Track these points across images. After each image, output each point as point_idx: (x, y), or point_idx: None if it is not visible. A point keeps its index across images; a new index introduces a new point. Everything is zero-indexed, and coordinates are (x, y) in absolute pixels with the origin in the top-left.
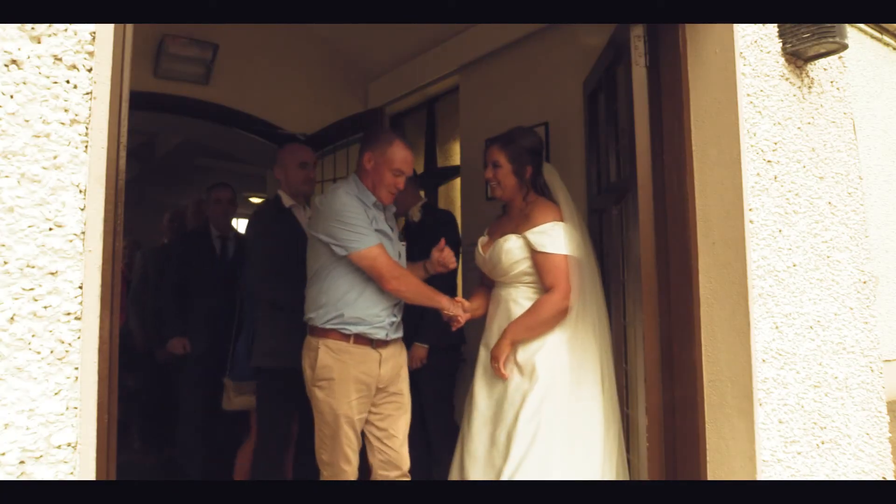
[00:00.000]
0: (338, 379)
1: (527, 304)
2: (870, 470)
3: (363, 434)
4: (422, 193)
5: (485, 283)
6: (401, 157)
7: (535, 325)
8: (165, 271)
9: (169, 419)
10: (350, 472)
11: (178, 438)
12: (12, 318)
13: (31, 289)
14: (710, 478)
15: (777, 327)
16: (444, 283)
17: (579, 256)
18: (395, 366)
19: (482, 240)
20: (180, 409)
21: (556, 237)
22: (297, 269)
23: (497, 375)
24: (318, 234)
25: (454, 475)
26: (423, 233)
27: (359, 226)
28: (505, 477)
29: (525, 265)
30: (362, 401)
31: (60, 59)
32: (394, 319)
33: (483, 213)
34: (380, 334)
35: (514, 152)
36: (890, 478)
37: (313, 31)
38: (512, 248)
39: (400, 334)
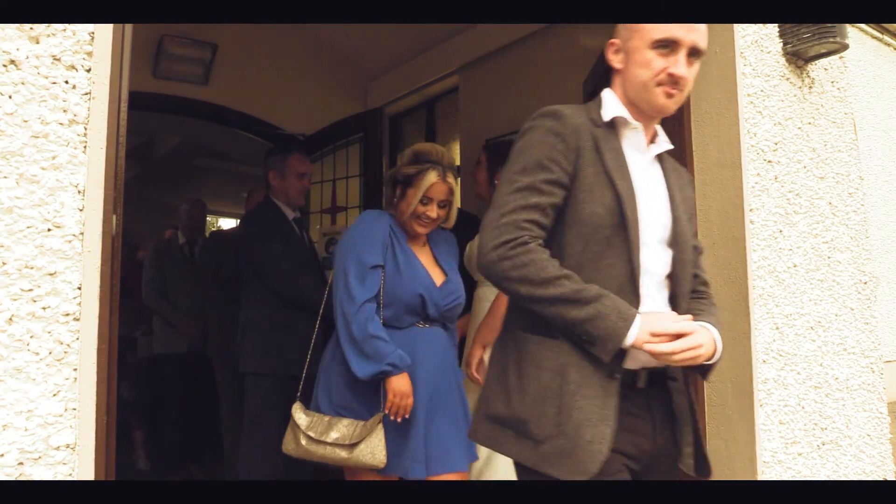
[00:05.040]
0: None
1: None
2: (871, 471)
3: None
4: None
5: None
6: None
7: (497, 323)
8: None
9: (195, 431)
10: None
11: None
12: (11, 319)
13: (30, 290)
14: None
15: (777, 328)
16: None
17: None
18: None
19: (471, 243)
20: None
21: None
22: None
23: (471, 381)
24: None
25: None
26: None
27: None
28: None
29: None
30: None
31: (59, 60)
32: None
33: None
34: None
35: (494, 152)
36: (891, 479)
37: (313, 31)
38: None
39: None
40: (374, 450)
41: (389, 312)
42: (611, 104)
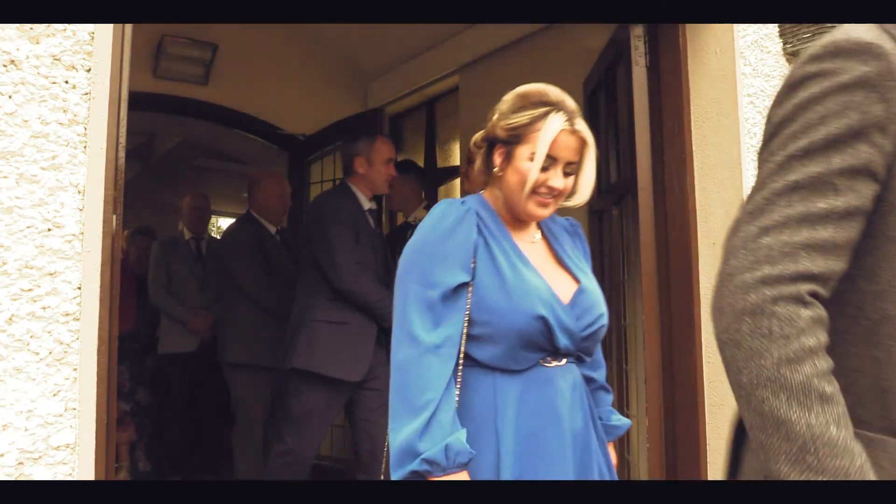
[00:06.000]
0: None
1: None
2: None
3: None
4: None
5: None
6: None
7: None
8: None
9: (196, 433)
10: None
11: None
12: (11, 319)
13: (30, 289)
14: (710, 478)
15: None
16: None
17: None
18: None
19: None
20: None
21: None
22: None
23: None
24: None
25: None
26: None
27: None
28: None
29: None
30: None
31: (59, 60)
32: None
33: None
34: None
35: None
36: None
37: (313, 31)
38: None
39: None
40: None
41: (495, 350)
42: None
